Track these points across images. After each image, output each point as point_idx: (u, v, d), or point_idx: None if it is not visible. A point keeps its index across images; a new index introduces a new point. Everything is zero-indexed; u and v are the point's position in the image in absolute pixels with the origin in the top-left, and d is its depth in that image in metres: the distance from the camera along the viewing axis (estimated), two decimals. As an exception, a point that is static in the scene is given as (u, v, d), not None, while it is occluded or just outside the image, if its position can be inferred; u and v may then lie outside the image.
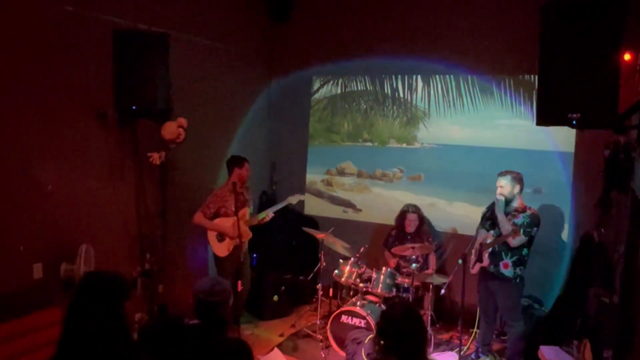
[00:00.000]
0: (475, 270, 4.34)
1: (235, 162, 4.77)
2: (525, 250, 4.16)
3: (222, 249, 4.69)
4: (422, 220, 5.31)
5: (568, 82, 2.62)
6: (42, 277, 3.67)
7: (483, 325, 4.59)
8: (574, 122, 2.60)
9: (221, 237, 4.68)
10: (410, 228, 5.22)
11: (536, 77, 4.96)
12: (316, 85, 6.37)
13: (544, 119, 2.81)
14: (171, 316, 2.56)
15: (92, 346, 1.98)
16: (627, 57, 3.16)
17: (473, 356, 4.61)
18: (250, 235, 4.86)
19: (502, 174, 4.25)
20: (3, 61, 3.41)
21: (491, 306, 4.44)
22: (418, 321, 2.34)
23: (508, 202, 4.19)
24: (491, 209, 4.32)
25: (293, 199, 4.98)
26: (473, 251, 4.36)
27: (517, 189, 4.20)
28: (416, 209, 5.29)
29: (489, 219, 4.34)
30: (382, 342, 2.30)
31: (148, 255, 4.47)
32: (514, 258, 4.17)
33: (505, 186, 4.19)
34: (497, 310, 4.47)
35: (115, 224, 4.30)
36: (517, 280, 4.21)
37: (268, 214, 4.85)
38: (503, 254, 4.19)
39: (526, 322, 4.42)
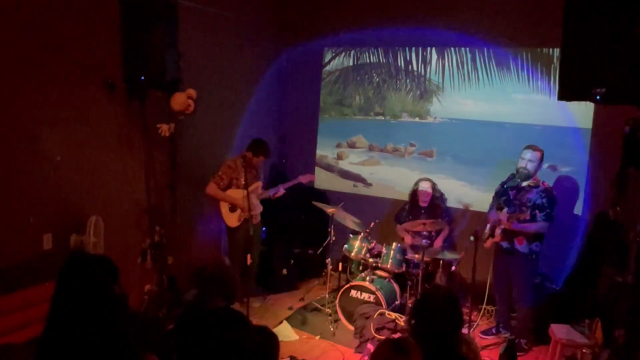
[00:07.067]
0: (488, 245, 4.29)
1: (252, 149, 4.70)
2: None
3: (233, 220, 4.70)
4: (436, 192, 5.23)
5: (593, 55, 2.50)
6: (52, 248, 3.68)
7: (499, 302, 4.57)
8: (598, 97, 2.49)
9: (233, 207, 4.70)
10: (423, 201, 5.14)
11: (555, 50, 4.89)
12: (328, 57, 6.24)
13: (566, 94, 2.68)
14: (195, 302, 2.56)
15: (80, 326, 1.98)
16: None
17: (494, 331, 4.60)
18: (261, 208, 4.85)
19: (531, 148, 4.14)
20: (10, 30, 3.35)
21: (505, 283, 4.40)
22: (451, 305, 2.25)
23: (528, 177, 4.11)
24: (506, 185, 4.23)
25: (304, 179, 4.96)
26: (487, 227, 4.30)
27: (540, 166, 4.13)
28: (429, 180, 5.22)
29: (503, 195, 4.26)
30: (412, 322, 2.26)
31: (157, 227, 4.46)
32: None
33: (533, 161, 4.10)
34: (511, 287, 4.41)
35: (124, 196, 4.29)
36: (533, 257, 4.16)
37: (279, 190, 4.85)
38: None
39: (537, 299, 4.38)
